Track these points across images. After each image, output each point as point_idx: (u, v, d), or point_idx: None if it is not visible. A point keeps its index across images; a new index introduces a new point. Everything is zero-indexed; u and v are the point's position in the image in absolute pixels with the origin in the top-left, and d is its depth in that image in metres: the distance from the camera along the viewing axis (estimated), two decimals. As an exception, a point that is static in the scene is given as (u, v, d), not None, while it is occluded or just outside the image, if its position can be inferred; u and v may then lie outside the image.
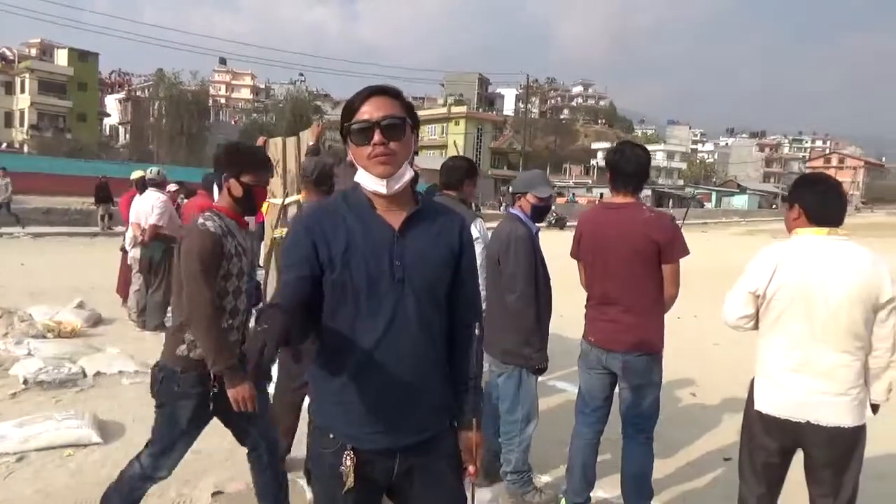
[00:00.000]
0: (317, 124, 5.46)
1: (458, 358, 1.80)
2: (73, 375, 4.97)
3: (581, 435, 3.16)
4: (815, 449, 2.49)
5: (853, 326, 2.42)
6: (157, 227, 6.76)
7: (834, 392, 2.44)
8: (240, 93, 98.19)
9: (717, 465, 4.08)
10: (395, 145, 1.63)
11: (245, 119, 60.71)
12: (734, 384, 5.72)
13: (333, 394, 1.70)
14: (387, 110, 1.63)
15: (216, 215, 2.58)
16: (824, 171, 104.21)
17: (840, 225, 2.55)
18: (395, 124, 1.63)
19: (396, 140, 1.63)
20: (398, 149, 1.64)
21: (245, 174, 2.61)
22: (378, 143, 1.61)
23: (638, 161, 2.96)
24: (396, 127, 1.63)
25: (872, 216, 57.60)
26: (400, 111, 1.65)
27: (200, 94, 49.00)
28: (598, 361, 3.04)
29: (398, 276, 1.64)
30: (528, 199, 3.26)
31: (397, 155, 1.64)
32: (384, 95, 1.65)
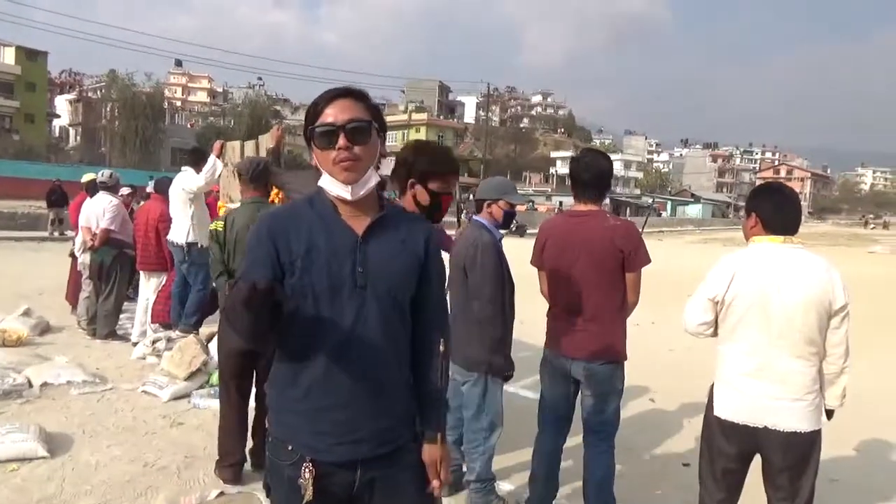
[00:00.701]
0: (277, 127, 5.39)
1: (423, 369, 1.76)
2: (17, 386, 4.76)
3: (544, 443, 3.16)
4: (773, 453, 2.53)
5: (808, 332, 2.47)
6: (108, 231, 6.54)
7: (790, 397, 2.49)
8: (196, 95, 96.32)
9: (677, 471, 4.13)
10: (360, 150, 1.59)
11: (202, 122, 59.53)
12: (691, 390, 5.81)
13: (292, 403, 1.65)
14: (352, 113, 1.59)
15: None
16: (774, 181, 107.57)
17: (795, 233, 2.61)
18: (360, 128, 1.58)
19: (361, 144, 1.59)
20: (363, 153, 1.60)
21: (433, 180, 2.37)
22: (342, 148, 1.57)
23: (598, 169, 2.97)
24: (362, 130, 1.59)
25: (819, 226, 59.68)
26: (365, 114, 1.61)
27: (155, 97, 47.75)
28: (560, 369, 3.03)
29: (360, 283, 1.60)
30: (501, 205, 3.24)
31: (362, 160, 1.60)
32: (349, 98, 1.61)
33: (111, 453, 3.82)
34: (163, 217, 6.54)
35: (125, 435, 4.13)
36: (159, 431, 4.24)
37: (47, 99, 56.76)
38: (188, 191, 6.04)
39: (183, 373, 5.05)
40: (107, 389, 5.00)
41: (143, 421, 4.41)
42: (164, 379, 5.05)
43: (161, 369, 5.25)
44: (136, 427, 4.29)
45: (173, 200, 6.25)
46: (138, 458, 3.78)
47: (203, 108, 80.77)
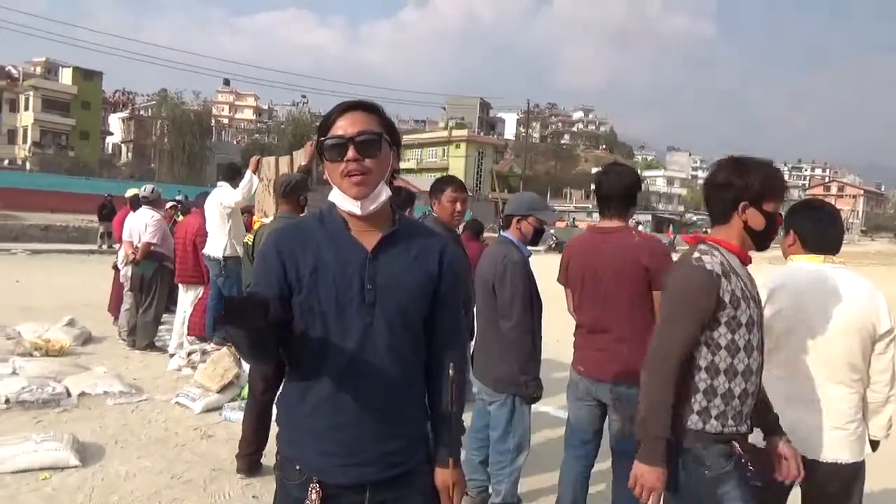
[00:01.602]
0: (310, 144, 5.43)
1: (435, 392, 1.71)
2: (56, 395, 4.87)
3: (571, 468, 3.05)
4: (812, 485, 2.39)
5: (850, 357, 2.34)
6: (150, 244, 6.70)
7: (830, 426, 2.36)
8: (243, 113, 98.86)
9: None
10: (371, 163, 1.56)
11: (247, 139, 60.99)
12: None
13: (299, 421, 1.62)
14: (362, 125, 1.56)
15: (714, 248, 2.09)
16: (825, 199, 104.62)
17: (837, 252, 2.48)
18: (370, 140, 1.55)
19: (372, 157, 1.56)
20: (373, 166, 1.56)
21: (768, 201, 2.12)
22: (351, 160, 1.54)
23: (620, 183, 2.87)
24: (372, 143, 1.56)
25: (872, 244, 57.57)
26: (376, 126, 1.58)
27: (203, 114, 49.20)
28: (587, 392, 2.93)
29: (369, 300, 1.56)
30: (531, 222, 3.18)
31: (372, 173, 1.57)
32: (360, 110, 1.59)
33: (140, 464, 3.86)
34: (200, 231, 6.67)
35: (156, 446, 4.17)
36: (189, 443, 4.28)
37: (101, 117, 58.96)
38: (225, 206, 6.15)
39: (215, 385, 5.10)
40: (142, 400, 5.08)
41: (174, 432, 4.46)
42: (196, 391, 5.11)
43: (194, 381, 5.31)
44: (167, 438, 4.33)
45: (210, 215, 6.36)
46: (166, 469, 3.81)
47: (249, 125, 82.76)
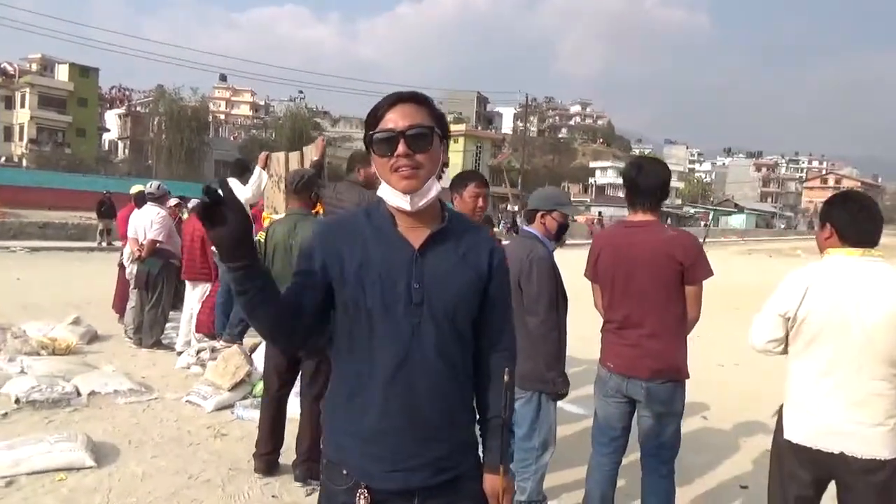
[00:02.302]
0: (321, 139, 5.38)
1: (485, 396, 1.65)
2: (66, 394, 4.81)
3: (599, 466, 3.01)
4: (850, 482, 2.35)
5: (890, 352, 2.29)
6: (155, 241, 6.63)
7: (869, 422, 2.31)
8: (240, 109, 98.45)
9: (735, 494, 3.94)
10: (422, 157, 1.50)
11: (244, 135, 60.78)
12: (743, 408, 5.61)
13: (346, 425, 1.57)
14: (413, 119, 1.50)
15: None
16: (821, 191, 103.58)
17: (875, 245, 2.43)
18: (421, 134, 1.50)
19: (423, 152, 1.50)
20: (424, 161, 1.51)
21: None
22: (402, 155, 1.48)
23: (657, 176, 2.83)
24: (423, 137, 1.50)
25: (870, 237, 57.60)
26: (428, 120, 1.53)
27: (200, 110, 48.97)
28: (617, 389, 2.89)
29: (416, 300, 1.51)
30: (555, 216, 3.12)
31: (423, 168, 1.51)
32: (411, 102, 1.53)
33: (156, 464, 3.81)
34: (207, 228, 6.60)
35: (170, 446, 4.12)
36: (203, 443, 4.23)
37: (98, 113, 58.65)
38: (234, 202, 6.07)
39: (227, 383, 5.05)
40: (152, 399, 5.03)
41: (187, 431, 4.41)
42: (207, 389, 5.05)
43: (205, 379, 5.25)
44: (181, 438, 4.28)
45: (218, 211, 6.30)
46: (183, 469, 3.76)
47: (246, 121, 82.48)
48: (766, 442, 4.76)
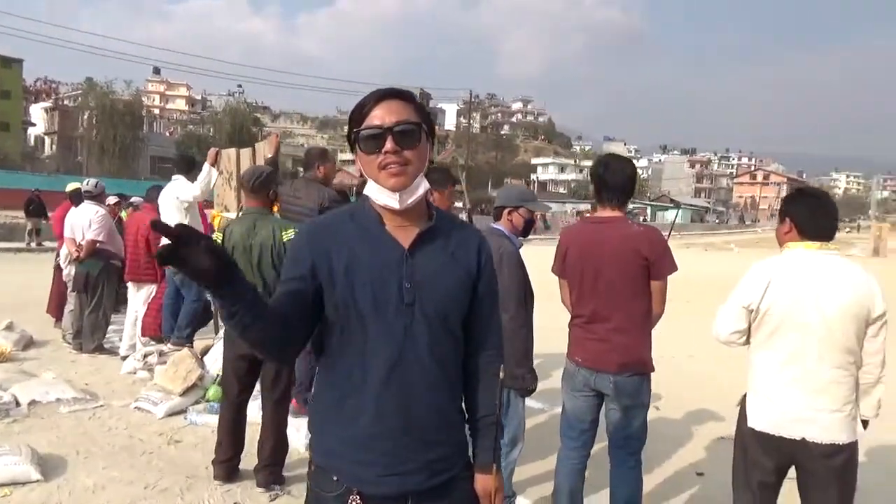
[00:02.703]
0: (275, 135, 5.25)
1: (476, 395, 1.64)
2: (4, 405, 4.55)
3: (568, 459, 3.04)
4: (811, 466, 2.45)
5: (847, 342, 2.41)
6: (95, 242, 6.34)
7: (828, 409, 2.41)
8: (175, 103, 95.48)
9: (692, 481, 4.05)
10: (410, 154, 1.47)
11: (181, 130, 58.90)
12: (695, 397, 5.78)
13: (338, 430, 1.52)
14: (400, 115, 1.47)
15: None
16: (750, 186, 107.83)
17: (831, 239, 2.54)
18: (409, 130, 1.47)
19: (411, 148, 1.48)
20: (413, 158, 1.48)
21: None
22: (390, 151, 1.45)
23: (625, 173, 2.88)
24: (411, 133, 1.47)
25: (796, 230, 60.44)
26: (415, 116, 1.50)
27: (134, 105, 47.05)
28: (585, 383, 2.92)
29: (407, 300, 1.48)
30: (522, 213, 3.15)
31: (412, 165, 1.48)
32: (397, 99, 1.50)
33: (108, 475, 3.64)
34: (153, 227, 6.35)
35: (122, 455, 3.95)
36: (157, 450, 4.07)
37: (22, 107, 55.72)
38: (183, 200, 5.85)
39: (178, 388, 4.87)
40: (98, 406, 4.81)
41: (138, 439, 4.23)
42: (157, 394, 4.87)
43: (154, 384, 5.06)
44: (133, 446, 4.11)
45: (165, 210, 6.05)
46: (137, 479, 3.60)
47: (182, 116, 80.00)
48: (717, 430, 4.98)
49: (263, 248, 3.58)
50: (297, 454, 3.97)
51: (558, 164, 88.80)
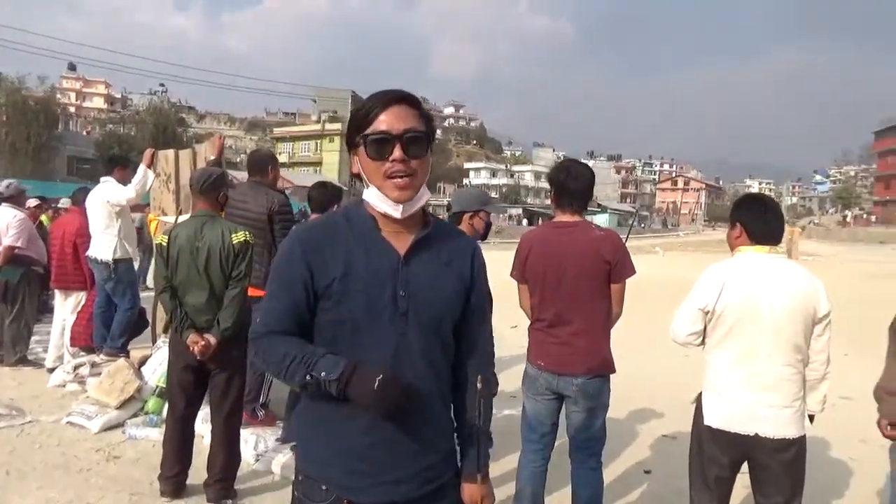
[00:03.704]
0: (218, 136, 5.08)
1: (464, 403, 1.63)
2: (-82, 424, 4.21)
3: (529, 462, 3.06)
4: (764, 460, 2.56)
5: (795, 340, 2.53)
6: (13, 248, 5.95)
7: (780, 404, 2.53)
8: (92, 102, 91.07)
9: (641, 479, 4.17)
10: (416, 163, 1.45)
11: (99, 130, 56.18)
12: (636, 396, 5.93)
13: (328, 439, 1.49)
14: (409, 123, 1.44)
15: None
16: (672, 192, 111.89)
17: (778, 242, 2.67)
18: (418, 138, 1.45)
19: (418, 157, 1.45)
20: (419, 167, 1.46)
21: None
22: (398, 160, 1.42)
23: (585, 179, 2.94)
24: (419, 142, 1.45)
25: (715, 233, 63.39)
26: (421, 124, 1.47)
27: (50, 102, 44.45)
28: (547, 386, 2.95)
29: (402, 309, 1.46)
30: (482, 216, 3.18)
31: (417, 176, 1.46)
32: (406, 105, 1.47)
33: (45, 496, 3.42)
34: (81, 231, 6.01)
35: (57, 474, 3.72)
36: (95, 467, 3.85)
37: (-80, 102, 51.73)
38: (114, 203, 5.55)
39: (114, 400, 4.63)
40: (26, 423, 4.52)
41: (73, 456, 3.99)
42: (92, 408, 4.61)
43: (87, 397, 4.80)
44: (68, 464, 3.87)
45: (94, 214, 5.72)
46: (77, 499, 3.41)
47: (100, 114, 76.42)
48: (660, 428, 5.14)
49: (211, 251, 3.45)
50: (248, 467, 3.85)
51: (490, 169, 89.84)
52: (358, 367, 1.36)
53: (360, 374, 1.35)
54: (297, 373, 1.40)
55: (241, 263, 3.44)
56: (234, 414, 3.54)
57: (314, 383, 1.38)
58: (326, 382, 1.36)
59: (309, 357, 1.40)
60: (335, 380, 1.35)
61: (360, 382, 1.34)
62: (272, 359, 1.45)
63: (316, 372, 1.37)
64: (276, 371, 1.45)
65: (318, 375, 1.36)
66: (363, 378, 1.34)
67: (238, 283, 3.43)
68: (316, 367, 1.37)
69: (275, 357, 1.44)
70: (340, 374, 1.35)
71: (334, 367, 1.36)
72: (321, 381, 1.37)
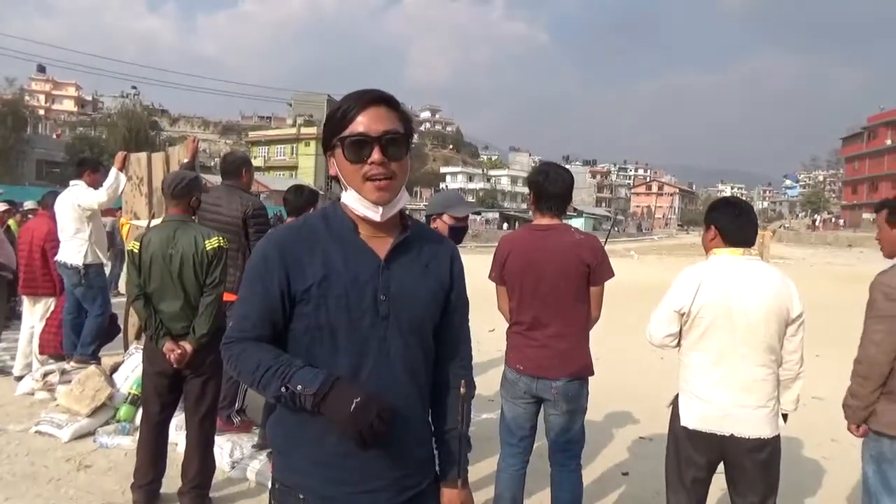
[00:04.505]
0: (192, 139, 5.01)
1: (444, 407, 1.62)
2: None
3: (509, 466, 3.06)
4: (739, 460, 2.58)
5: (769, 341, 2.56)
6: (-20, 253, 5.81)
7: (754, 405, 2.56)
8: (62, 104, 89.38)
9: (619, 481, 4.19)
10: (396, 166, 1.43)
11: (70, 133, 55.19)
12: (611, 400, 5.96)
13: (305, 448, 1.46)
14: (388, 124, 1.42)
15: None
16: (646, 196, 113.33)
17: (752, 245, 2.70)
18: (396, 140, 1.43)
19: (397, 159, 1.43)
20: (398, 170, 1.44)
21: None
22: (377, 163, 1.40)
23: (563, 182, 2.95)
24: (398, 144, 1.43)
25: (688, 237, 64.24)
26: (401, 125, 1.45)
27: (18, 104, 43.51)
28: (526, 390, 2.95)
29: (382, 313, 1.44)
30: (445, 219, 3.16)
31: (397, 178, 1.44)
32: (384, 105, 1.44)
33: (12, 507, 3.34)
34: (50, 236, 5.87)
35: (26, 484, 3.62)
36: (65, 477, 3.76)
37: None
38: (85, 207, 5.43)
39: (85, 408, 4.53)
40: (-7, 432, 4.40)
41: (43, 466, 3.90)
42: (62, 416, 4.51)
43: (57, 405, 4.69)
44: (37, 474, 3.77)
45: (63, 218, 5.59)
46: (46, 510, 3.32)
47: (70, 117, 75.08)
48: (636, 431, 5.18)
49: (185, 257, 3.39)
50: (223, 474, 3.79)
51: (467, 174, 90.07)
52: (336, 384, 1.33)
53: (338, 391, 1.31)
54: (271, 384, 1.37)
55: (216, 269, 3.39)
56: (209, 420, 3.48)
57: (289, 396, 1.34)
58: (302, 396, 1.33)
59: (285, 368, 1.36)
60: (312, 394, 1.32)
61: (337, 401, 1.31)
62: (245, 367, 1.42)
63: (292, 385, 1.33)
64: (248, 381, 1.42)
65: (295, 388, 1.33)
66: (340, 397, 1.31)
67: (213, 289, 3.38)
68: (292, 379, 1.34)
69: (248, 366, 1.41)
70: (318, 388, 1.32)
71: (312, 381, 1.33)
72: (297, 395, 1.33)
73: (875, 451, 2.67)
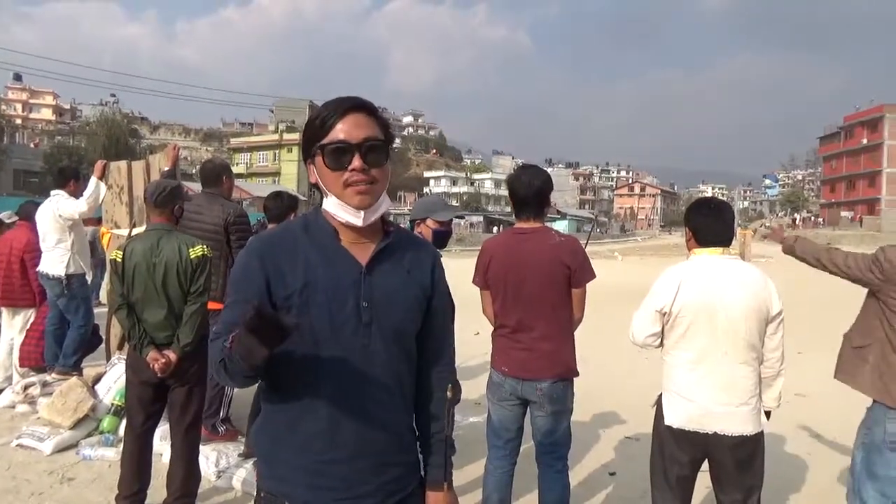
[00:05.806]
0: (173, 146, 4.97)
1: (428, 411, 1.63)
2: None
3: (496, 468, 3.07)
4: (723, 457, 2.62)
5: (750, 339, 2.60)
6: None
7: (736, 402, 2.59)
8: (40, 113, 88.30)
9: (606, 481, 4.22)
10: (377, 172, 1.44)
11: (48, 142, 54.54)
12: (596, 400, 6.01)
13: (289, 454, 1.46)
14: (367, 131, 1.42)
15: None
16: (629, 198, 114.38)
17: (728, 244, 2.74)
18: (376, 147, 1.43)
19: (378, 166, 1.44)
20: (379, 176, 1.45)
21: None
22: (357, 170, 1.41)
23: (533, 186, 2.95)
24: (378, 151, 1.44)
25: (670, 237, 64.79)
26: (380, 132, 1.46)
27: (-7, 113, 43.10)
28: (512, 392, 2.97)
29: (365, 320, 1.44)
30: (429, 224, 3.18)
31: (378, 183, 1.45)
32: (363, 112, 1.45)
33: (-6, 522, 3.29)
34: (30, 247, 5.80)
35: (7, 498, 3.57)
36: (47, 491, 3.71)
37: None
38: (66, 217, 5.38)
39: (67, 421, 4.48)
40: (-28, 447, 4.33)
41: (25, 480, 3.84)
42: (43, 429, 4.45)
43: (39, 418, 4.63)
44: (19, 488, 3.72)
45: (45, 228, 5.53)
46: (29, 524, 3.28)
47: (48, 126, 74.19)
48: (622, 431, 5.21)
49: (168, 266, 3.36)
50: (209, 483, 3.76)
51: (450, 178, 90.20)
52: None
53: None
54: (217, 353, 1.34)
55: (200, 278, 3.37)
56: (194, 429, 3.45)
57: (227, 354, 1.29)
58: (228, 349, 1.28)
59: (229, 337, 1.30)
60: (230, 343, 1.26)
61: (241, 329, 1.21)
62: (213, 357, 1.39)
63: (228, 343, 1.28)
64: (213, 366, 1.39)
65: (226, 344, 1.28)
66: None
67: (197, 298, 3.35)
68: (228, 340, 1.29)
69: (213, 351, 1.39)
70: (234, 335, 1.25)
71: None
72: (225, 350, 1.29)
73: (867, 439, 2.73)
